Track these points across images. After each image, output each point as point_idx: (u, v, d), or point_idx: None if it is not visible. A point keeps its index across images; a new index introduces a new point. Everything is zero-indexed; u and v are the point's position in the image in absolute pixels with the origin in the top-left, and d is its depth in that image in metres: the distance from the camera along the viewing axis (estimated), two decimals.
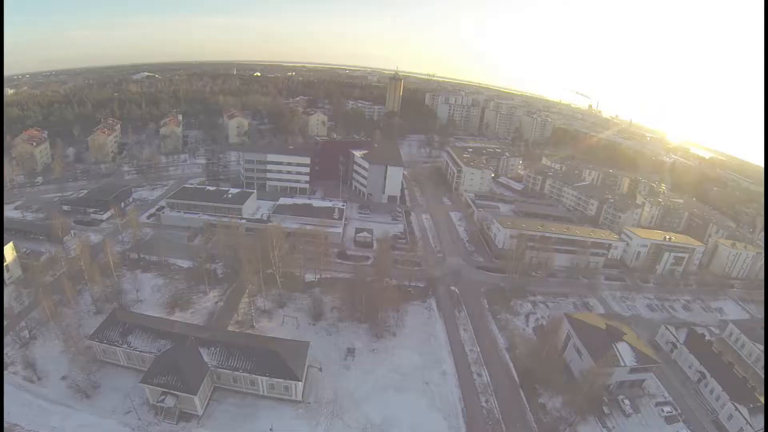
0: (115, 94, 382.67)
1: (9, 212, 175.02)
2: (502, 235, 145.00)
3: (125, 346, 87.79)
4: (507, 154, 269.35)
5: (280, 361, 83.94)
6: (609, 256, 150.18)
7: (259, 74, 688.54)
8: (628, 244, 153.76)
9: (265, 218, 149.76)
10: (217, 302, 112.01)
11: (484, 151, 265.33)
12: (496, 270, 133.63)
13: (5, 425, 77.15)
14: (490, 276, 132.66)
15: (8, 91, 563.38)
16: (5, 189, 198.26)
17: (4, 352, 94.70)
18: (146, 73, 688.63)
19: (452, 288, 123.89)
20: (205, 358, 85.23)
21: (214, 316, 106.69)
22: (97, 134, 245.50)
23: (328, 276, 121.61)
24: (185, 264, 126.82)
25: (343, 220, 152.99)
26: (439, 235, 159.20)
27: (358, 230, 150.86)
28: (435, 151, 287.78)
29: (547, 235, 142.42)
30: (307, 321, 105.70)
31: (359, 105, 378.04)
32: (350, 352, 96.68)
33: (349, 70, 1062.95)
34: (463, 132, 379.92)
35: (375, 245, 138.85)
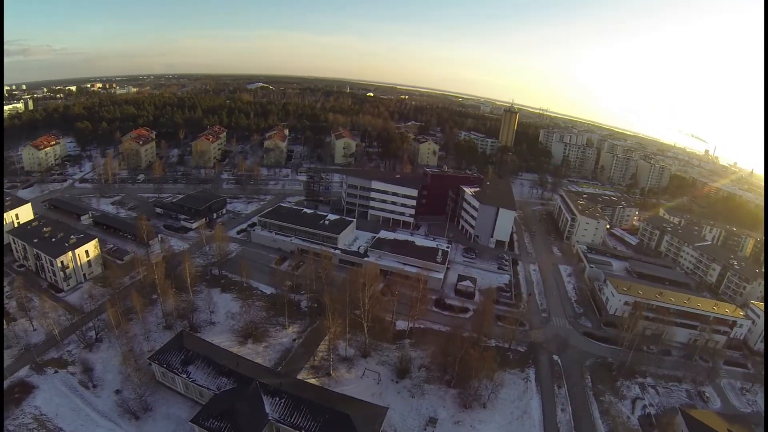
0: (227, 101, 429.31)
1: (105, 206, 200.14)
2: (616, 301, 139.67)
3: (184, 375, 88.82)
4: (623, 202, 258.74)
5: (350, 428, 78.51)
6: (731, 335, 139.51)
7: (372, 95, 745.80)
8: (754, 322, 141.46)
9: (361, 252, 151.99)
10: (295, 340, 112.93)
11: (600, 198, 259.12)
12: (605, 340, 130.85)
13: (52, 427, 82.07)
14: (597, 346, 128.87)
15: (131, 90, 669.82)
16: (107, 183, 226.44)
17: (68, 349, 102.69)
18: (260, 84, 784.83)
19: (554, 357, 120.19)
20: (267, 409, 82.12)
21: (289, 355, 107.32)
22: (201, 140, 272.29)
23: (422, 326, 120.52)
24: (268, 290, 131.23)
25: (446, 264, 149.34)
26: (546, 290, 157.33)
27: (461, 277, 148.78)
28: (547, 193, 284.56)
29: (665, 305, 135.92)
30: (389, 377, 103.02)
31: (472, 136, 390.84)
32: (431, 422, 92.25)
33: (462, 98, 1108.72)
34: (576, 174, 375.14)
35: (477, 296, 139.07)
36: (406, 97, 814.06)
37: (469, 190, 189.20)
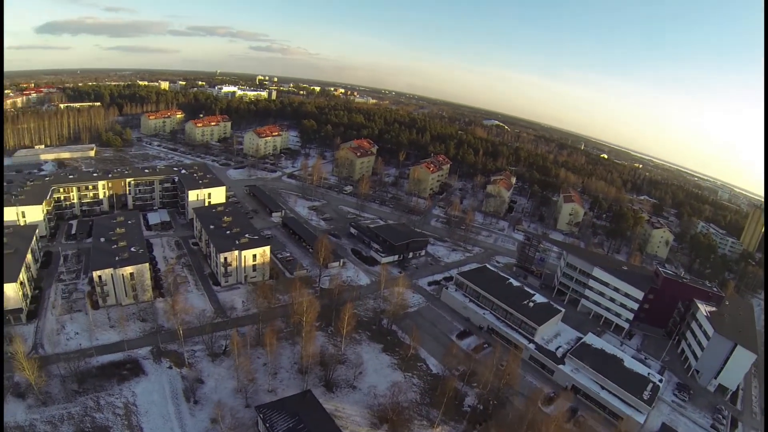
0: (459, 132, 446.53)
1: (300, 209, 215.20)
2: None
3: None
4: None
5: None
6: None
7: (605, 156, 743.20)
8: None
9: (558, 355, 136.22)
10: None
11: None
12: None
13: (135, 423, 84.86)
14: None
15: (369, 101, 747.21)
16: (312, 185, 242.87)
17: (192, 349, 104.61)
18: (496, 122, 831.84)
19: None
20: None
21: None
22: (422, 166, 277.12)
23: None
24: (435, 368, 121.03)
25: (654, 403, 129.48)
26: None
27: (665, 428, 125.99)
28: None
29: None
30: None
31: (711, 230, 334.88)
32: None
33: (697, 177, 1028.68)
34: None
35: None
36: (640, 165, 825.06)
37: (703, 308, 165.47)
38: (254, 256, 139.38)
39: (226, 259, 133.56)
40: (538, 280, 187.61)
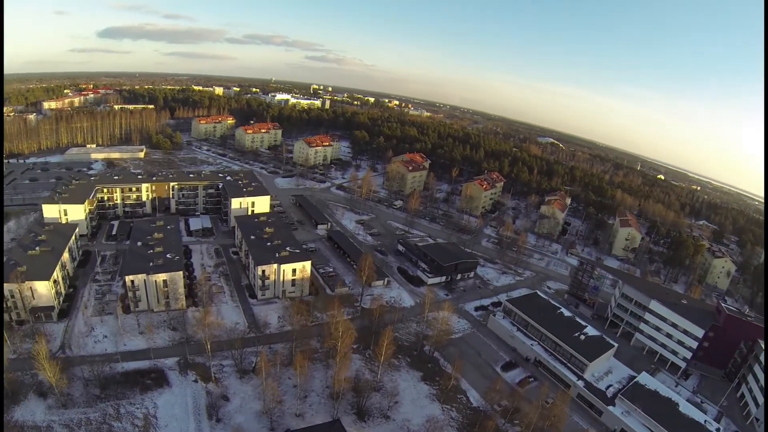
0: (514, 149, 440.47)
1: (347, 222, 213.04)
2: None
3: None
4: None
5: None
6: None
7: (662, 178, 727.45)
8: None
9: (609, 395, 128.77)
10: None
11: None
12: None
13: None
14: None
15: (423, 114, 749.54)
16: (361, 198, 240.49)
17: (221, 363, 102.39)
18: (551, 140, 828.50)
19: None
20: None
21: None
22: (475, 183, 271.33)
23: None
24: (476, 401, 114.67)
25: None
26: None
27: None
28: None
29: None
30: None
31: None
32: None
33: (758, 201, 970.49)
34: None
35: None
36: (698, 188, 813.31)
37: None
38: (294, 270, 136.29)
39: (264, 272, 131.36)
40: (591, 309, 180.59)
